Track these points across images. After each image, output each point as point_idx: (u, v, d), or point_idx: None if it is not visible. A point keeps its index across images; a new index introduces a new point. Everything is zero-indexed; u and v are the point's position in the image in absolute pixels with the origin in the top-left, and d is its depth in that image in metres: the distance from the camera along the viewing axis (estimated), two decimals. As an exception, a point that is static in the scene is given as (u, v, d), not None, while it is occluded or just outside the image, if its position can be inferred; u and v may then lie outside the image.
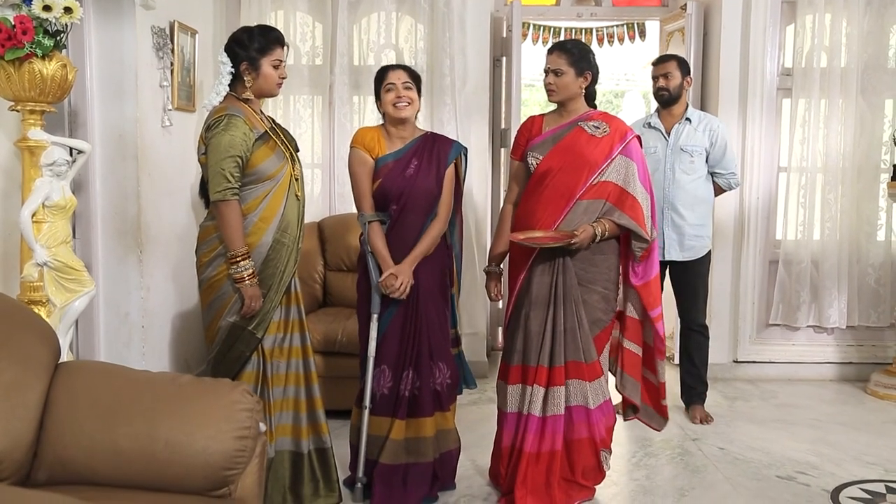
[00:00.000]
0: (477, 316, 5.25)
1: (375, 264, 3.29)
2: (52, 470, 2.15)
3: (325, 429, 3.21)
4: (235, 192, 2.88)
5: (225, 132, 2.86)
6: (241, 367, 3.04)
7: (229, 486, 2.19)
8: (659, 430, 3.56)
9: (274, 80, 3.05)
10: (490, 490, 3.50)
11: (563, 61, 3.25)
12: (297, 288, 3.17)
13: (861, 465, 3.84)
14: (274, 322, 3.07)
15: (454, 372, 3.41)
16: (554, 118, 3.38)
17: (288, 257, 3.05)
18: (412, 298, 3.28)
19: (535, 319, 3.26)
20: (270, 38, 3.03)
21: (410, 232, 3.30)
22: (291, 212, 3.04)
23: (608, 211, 3.22)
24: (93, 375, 2.31)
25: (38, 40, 2.72)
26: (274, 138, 3.01)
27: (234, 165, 2.86)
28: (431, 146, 3.36)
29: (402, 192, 3.27)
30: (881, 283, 5.33)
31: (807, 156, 5.24)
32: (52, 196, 2.86)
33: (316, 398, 3.20)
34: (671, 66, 4.35)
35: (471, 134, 5.15)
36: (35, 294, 2.89)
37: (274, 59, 3.01)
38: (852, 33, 5.15)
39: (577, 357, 3.24)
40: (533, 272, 3.28)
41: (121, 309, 3.97)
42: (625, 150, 3.25)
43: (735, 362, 5.38)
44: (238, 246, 2.90)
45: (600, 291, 3.28)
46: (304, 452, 3.16)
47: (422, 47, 5.17)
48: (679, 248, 4.37)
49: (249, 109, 2.99)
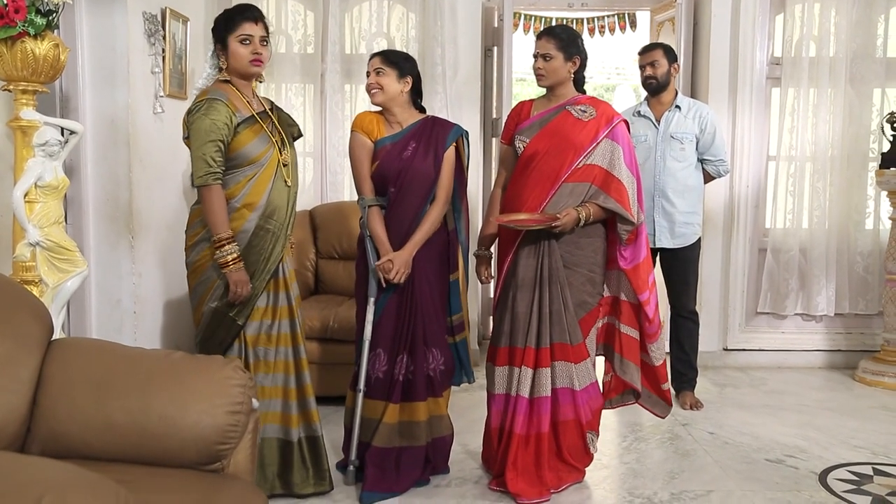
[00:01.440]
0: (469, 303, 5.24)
1: (374, 248, 3.30)
2: (45, 444, 2.16)
3: (315, 416, 3.18)
4: (217, 176, 2.86)
5: (205, 116, 2.84)
6: (224, 352, 3.00)
7: (222, 461, 2.20)
8: (663, 416, 3.57)
9: (244, 58, 2.93)
10: (481, 473, 3.52)
11: (551, 46, 3.27)
12: (285, 274, 3.11)
13: (849, 449, 3.87)
14: (259, 308, 3.03)
15: (448, 358, 3.41)
16: (542, 103, 3.40)
17: (273, 243, 3.00)
18: (408, 283, 3.29)
19: (522, 301, 3.28)
20: (238, 14, 2.93)
21: (408, 214, 3.30)
22: (278, 198, 2.99)
23: (594, 194, 3.24)
24: (86, 351, 2.32)
25: (30, 19, 2.72)
26: (261, 122, 2.96)
27: (215, 150, 2.84)
28: (430, 129, 3.36)
29: (399, 173, 3.27)
30: (869, 271, 5.37)
31: (796, 145, 5.28)
32: (45, 176, 2.86)
33: (306, 385, 3.16)
34: (658, 54, 4.38)
35: (462, 123, 5.06)
36: (27, 274, 2.89)
37: (239, 35, 2.91)
38: (841, 23, 5.19)
39: (562, 339, 3.26)
40: (519, 255, 3.30)
41: (112, 295, 3.97)
42: (611, 133, 3.26)
43: (725, 350, 5.42)
44: (221, 230, 2.87)
45: (586, 274, 3.30)
46: (294, 441, 3.14)
47: (413, 36, 5.19)
48: (670, 235, 4.40)
49: (236, 93, 2.95)
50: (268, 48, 3.00)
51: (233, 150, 2.89)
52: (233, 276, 2.89)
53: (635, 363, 3.41)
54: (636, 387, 3.43)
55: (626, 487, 3.43)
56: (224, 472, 2.22)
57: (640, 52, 4.52)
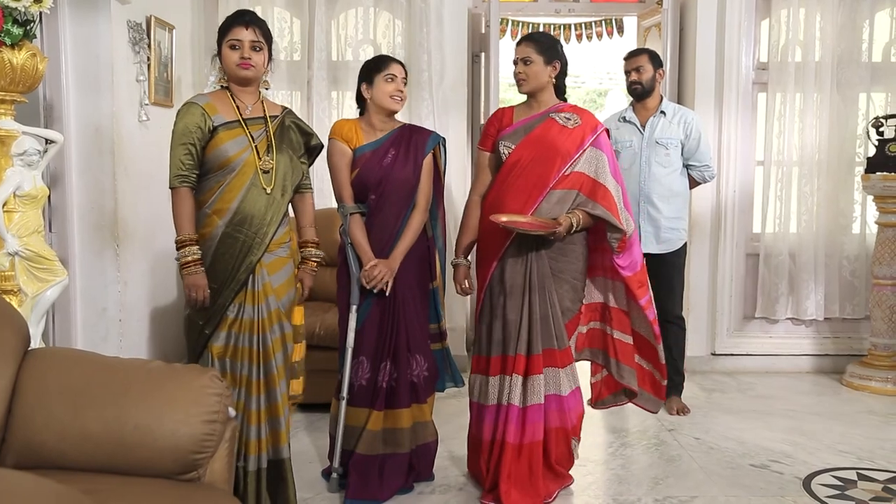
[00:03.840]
0: (456, 310, 5.26)
1: (355, 256, 3.30)
2: (20, 455, 2.15)
3: (284, 438, 2.99)
4: (184, 179, 2.83)
5: (180, 120, 2.84)
6: (197, 360, 2.94)
7: (198, 470, 2.20)
8: (655, 412, 3.61)
9: (232, 61, 2.89)
10: (465, 481, 3.51)
11: (531, 50, 3.28)
12: (256, 287, 2.93)
13: (834, 454, 3.88)
14: (228, 318, 2.91)
15: (432, 365, 3.41)
16: (524, 109, 3.39)
17: (244, 253, 2.88)
18: (391, 290, 3.29)
19: (512, 308, 3.26)
20: (229, 20, 2.93)
21: (389, 221, 3.31)
22: (252, 206, 2.88)
23: (582, 202, 3.23)
24: (62, 361, 2.31)
25: (6, 29, 2.71)
26: (243, 127, 2.91)
27: (185, 153, 2.82)
28: (409, 137, 3.38)
29: (379, 180, 3.28)
30: (856, 276, 5.39)
31: (783, 149, 5.29)
32: (24, 186, 2.85)
33: (276, 404, 2.96)
34: (643, 60, 4.39)
35: (449, 129, 5.17)
36: (7, 283, 2.88)
37: (230, 40, 2.89)
38: (826, 27, 5.21)
39: (550, 344, 3.25)
40: (505, 261, 3.28)
41: (98, 303, 3.98)
42: (595, 142, 3.27)
43: (713, 355, 5.42)
44: (183, 231, 2.83)
45: (570, 282, 3.30)
46: (251, 470, 2.94)
47: (399, 42, 5.20)
48: (655, 240, 4.40)
49: (225, 97, 2.93)
50: (262, 53, 2.93)
51: (208, 152, 2.86)
52: (188, 278, 2.82)
53: (631, 367, 3.41)
54: (634, 389, 3.42)
55: (611, 493, 3.42)
56: (200, 482, 2.21)
57: (625, 58, 4.53)
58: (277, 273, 3.01)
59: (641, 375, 3.46)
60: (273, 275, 2.98)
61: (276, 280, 2.99)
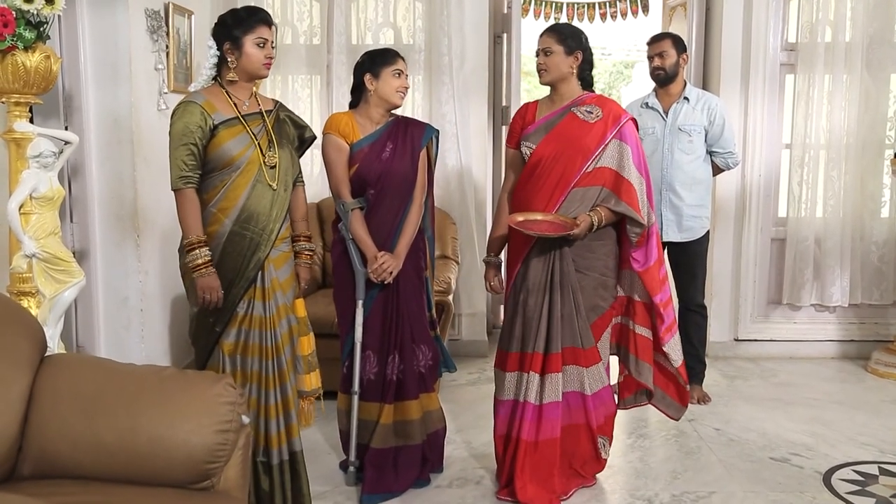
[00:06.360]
0: (476, 296, 5.25)
1: (357, 251, 3.29)
2: (36, 464, 2.18)
3: (295, 430, 3.01)
4: (188, 180, 2.81)
5: (179, 120, 2.80)
6: (208, 357, 2.95)
7: (212, 479, 2.21)
8: (676, 418, 3.51)
9: (259, 60, 2.88)
10: (483, 473, 3.52)
11: (552, 40, 3.22)
12: (266, 283, 2.94)
13: (856, 446, 3.84)
14: (238, 315, 2.91)
15: (434, 353, 3.45)
16: (547, 104, 3.34)
17: (253, 250, 2.88)
18: (392, 283, 3.30)
19: (533, 305, 3.24)
20: (253, 17, 2.88)
21: (389, 215, 3.30)
22: (258, 202, 2.88)
23: (605, 198, 3.18)
24: (76, 369, 2.33)
25: (19, 33, 2.71)
26: (244, 124, 2.88)
27: (187, 153, 2.79)
28: (404, 130, 3.35)
29: (379, 175, 3.26)
30: (884, 261, 5.29)
31: (810, 132, 5.17)
32: (40, 188, 2.86)
33: (288, 398, 2.99)
34: (666, 45, 4.30)
35: (470, 113, 5.12)
36: (24, 285, 2.90)
37: (257, 38, 2.85)
38: (857, 6, 5.06)
39: (574, 343, 3.22)
40: (530, 258, 3.26)
41: (119, 293, 4.00)
42: (618, 133, 3.20)
43: (736, 340, 5.37)
44: (191, 232, 2.81)
45: (598, 278, 3.26)
46: (275, 464, 2.97)
47: (420, 26, 5.13)
48: (677, 228, 4.35)
49: (222, 94, 2.89)
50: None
51: (210, 151, 2.84)
52: (200, 280, 2.80)
53: (649, 363, 3.37)
54: (649, 387, 3.39)
55: (628, 488, 3.42)
56: (214, 490, 2.23)
57: (648, 43, 4.45)
58: (282, 268, 3.02)
59: (666, 380, 3.42)
60: (279, 270, 3.00)
61: (281, 275, 3.01)
